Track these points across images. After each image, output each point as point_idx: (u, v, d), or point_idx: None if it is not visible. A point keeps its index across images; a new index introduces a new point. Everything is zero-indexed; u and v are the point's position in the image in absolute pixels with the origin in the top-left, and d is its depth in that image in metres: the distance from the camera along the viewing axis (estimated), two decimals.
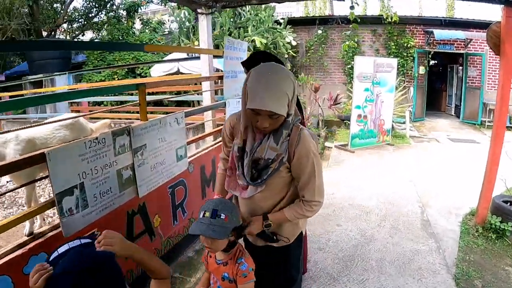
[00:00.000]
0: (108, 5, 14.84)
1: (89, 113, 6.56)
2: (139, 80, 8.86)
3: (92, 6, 14.84)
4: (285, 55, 10.38)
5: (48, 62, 10.85)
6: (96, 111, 3.40)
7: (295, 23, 11.70)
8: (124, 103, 7.45)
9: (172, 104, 9.46)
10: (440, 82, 13.64)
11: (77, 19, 15.49)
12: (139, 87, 2.58)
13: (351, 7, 4.65)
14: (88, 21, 15.27)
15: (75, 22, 15.70)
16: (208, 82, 4.80)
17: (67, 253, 1.04)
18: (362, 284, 2.87)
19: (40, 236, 1.92)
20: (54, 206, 1.83)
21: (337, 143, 7.94)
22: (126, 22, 14.55)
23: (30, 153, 1.84)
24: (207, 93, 4.72)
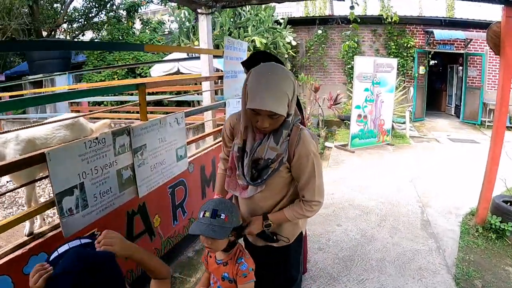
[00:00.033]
0: (108, 5, 14.85)
1: (89, 113, 6.55)
2: (139, 80, 8.86)
3: (92, 6, 14.85)
4: (285, 55, 10.38)
5: (48, 62, 10.85)
6: (96, 111, 3.40)
7: (295, 23, 11.71)
8: (125, 103, 7.45)
9: (173, 104, 9.46)
10: (440, 82, 13.64)
11: (77, 19, 15.50)
12: (139, 87, 2.58)
13: (351, 7, 4.65)
14: (88, 21, 15.28)
15: (75, 22, 15.71)
16: (208, 82, 4.80)
17: (67, 253, 1.04)
18: (362, 284, 2.87)
19: (40, 236, 1.92)
20: (54, 206, 1.83)
21: (337, 143, 7.94)
22: (126, 22, 14.54)
23: (30, 153, 1.84)
24: (207, 93, 4.72)
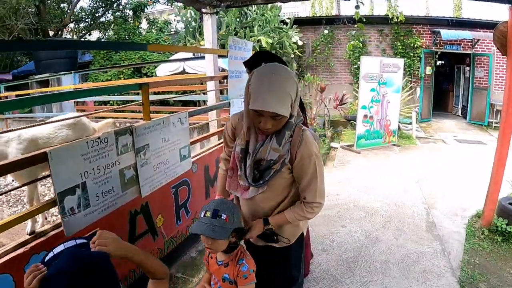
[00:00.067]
0: (115, 5, 14.95)
1: (93, 113, 6.57)
2: (142, 80, 8.89)
3: (99, 6, 14.95)
4: (291, 55, 10.36)
5: (55, 62, 10.91)
6: (100, 111, 3.40)
7: (302, 23, 11.68)
8: (130, 103, 7.48)
9: (178, 104, 9.49)
10: (447, 83, 13.53)
11: (84, 19, 15.63)
12: (142, 87, 2.58)
13: (356, 7, 4.63)
14: (95, 21, 15.39)
15: (82, 22, 15.86)
16: (213, 82, 4.79)
17: (61, 254, 1.04)
18: (366, 286, 2.85)
19: (42, 235, 1.92)
20: (56, 205, 1.83)
21: (343, 144, 7.90)
22: (133, 22, 14.61)
23: (32, 152, 1.84)
24: (212, 93, 4.71)
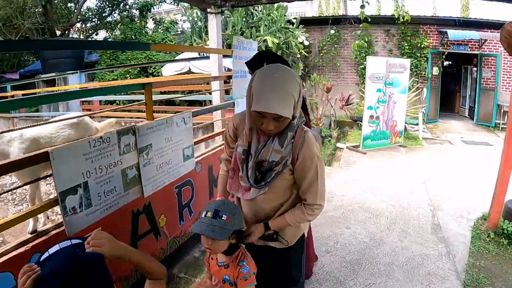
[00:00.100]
0: (121, 5, 15.01)
1: (96, 112, 6.57)
2: (145, 80, 8.91)
3: (106, 6, 15.03)
4: (298, 55, 10.32)
5: (61, 61, 10.97)
6: (104, 110, 3.40)
7: (308, 23, 11.64)
8: (134, 103, 7.49)
9: (184, 104, 9.50)
10: (454, 83, 13.42)
11: (91, 19, 15.72)
12: (146, 87, 2.57)
13: (362, 6, 4.61)
14: (102, 21, 15.47)
15: (89, 22, 15.96)
16: (218, 82, 4.79)
17: (56, 254, 1.04)
18: None
19: (44, 234, 1.93)
20: (58, 205, 1.83)
21: (349, 144, 7.87)
22: (139, 22, 14.66)
23: (34, 152, 1.85)
24: (217, 93, 4.71)
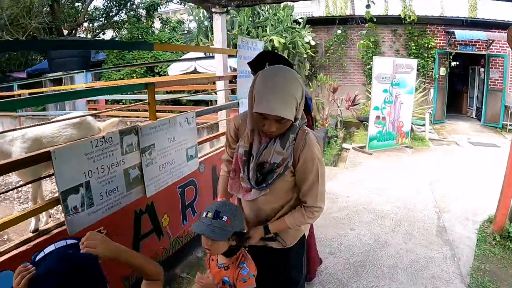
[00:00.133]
0: (128, 4, 15.06)
1: (99, 112, 6.58)
2: (148, 80, 8.93)
3: (113, 5, 15.10)
4: (304, 55, 10.29)
5: (68, 60, 11.01)
6: (108, 110, 3.41)
7: (314, 23, 11.59)
8: (138, 102, 7.50)
9: (190, 103, 9.51)
10: (461, 84, 13.30)
11: (98, 18, 15.81)
12: (148, 87, 2.57)
13: (367, 6, 4.58)
14: (109, 20, 15.55)
15: (96, 21, 16.03)
16: (222, 82, 4.78)
17: (50, 254, 1.04)
18: None
19: (45, 233, 1.93)
20: (59, 204, 1.83)
21: (355, 145, 7.83)
22: (146, 21, 14.69)
23: (36, 151, 1.85)
24: (221, 93, 4.71)
